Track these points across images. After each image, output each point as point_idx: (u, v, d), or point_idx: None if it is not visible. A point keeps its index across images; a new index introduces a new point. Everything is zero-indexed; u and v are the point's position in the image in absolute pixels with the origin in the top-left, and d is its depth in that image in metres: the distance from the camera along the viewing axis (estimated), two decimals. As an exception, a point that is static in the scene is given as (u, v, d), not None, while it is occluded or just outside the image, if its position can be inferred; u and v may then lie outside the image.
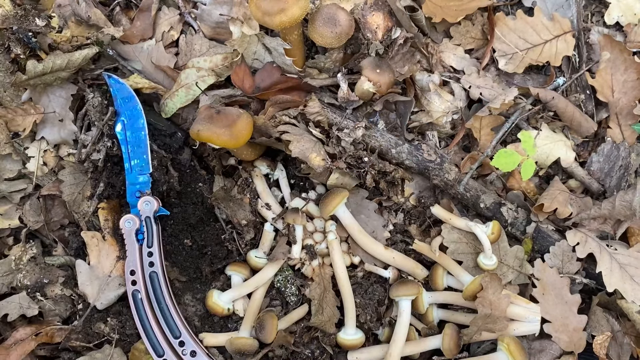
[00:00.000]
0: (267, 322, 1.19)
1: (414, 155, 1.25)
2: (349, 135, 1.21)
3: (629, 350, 1.17)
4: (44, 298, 1.29)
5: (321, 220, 1.30)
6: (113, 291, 1.26)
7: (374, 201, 1.30)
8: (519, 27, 1.32)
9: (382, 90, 1.19)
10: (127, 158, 1.25)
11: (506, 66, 1.31)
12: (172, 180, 1.27)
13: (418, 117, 1.30)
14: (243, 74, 1.22)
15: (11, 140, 1.31)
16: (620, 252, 1.20)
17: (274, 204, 1.31)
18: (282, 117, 1.22)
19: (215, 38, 1.33)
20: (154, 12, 1.35)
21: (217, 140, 1.09)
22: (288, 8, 1.04)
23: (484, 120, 1.27)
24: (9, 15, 1.27)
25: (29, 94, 1.31)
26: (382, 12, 1.20)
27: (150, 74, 1.33)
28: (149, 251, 1.22)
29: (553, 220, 1.26)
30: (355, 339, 1.21)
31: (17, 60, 1.29)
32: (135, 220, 1.22)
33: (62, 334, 1.24)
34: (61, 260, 1.33)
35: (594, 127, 1.30)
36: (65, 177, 1.30)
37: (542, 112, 1.31)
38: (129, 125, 1.25)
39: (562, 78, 1.31)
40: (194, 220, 1.30)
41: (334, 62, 1.25)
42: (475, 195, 1.25)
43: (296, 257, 1.26)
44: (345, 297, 1.22)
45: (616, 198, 1.20)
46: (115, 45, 1.33)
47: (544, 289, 1.18)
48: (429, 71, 1.32)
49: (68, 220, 1.35)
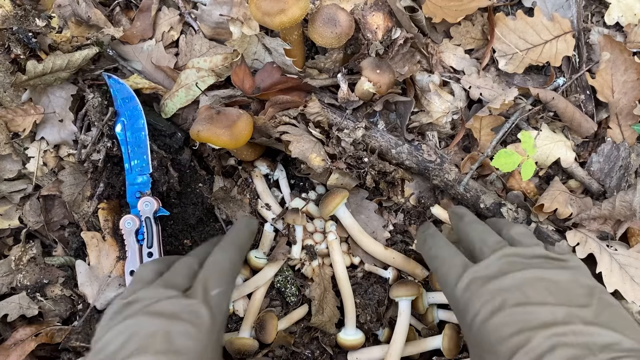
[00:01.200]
0: (267, 322, 1.19)
1: (414, 155, 1.25)
2: (349, 135, 1.21)
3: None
4: (43, 298, 1.29)
5: (321, 221, 1.30)
6: (113, 291, 1.26)
7: (374, 201, 1.30)
8: (519, 28, 1.32)
9: (382, 91, 1.19)
10: (127, 158, 1.25)
11: (506, 66, 1.31)
12: (172, 181, 1.27)
13: (418, 118, 1.30)
14: (243, 74, 1.22)
15: (11, 140, 1.31)
16: (620, 252, 1.20)
17: (273, 205, 1.31)
18: (282, 117, 1.22)
19: (215, 38, 1.33)
20: (154, 12, 1.35)
21: (217, 140, 1.09)
22: (288, 8, 1.04)
23: (484, 121, 1.27)
24: (9, 16, 1.27)
25: (29, 94, 1.31)
26: (382, 13, 1.20)
27: (150, 74, 1.33)
28: (149, 251, 1.22)
29: (553, 221, 1.26)
30: (355, 339, 1.21)
31: (17, 61, 1.29)
32: (135, 220, 1.22)
33: (62, 335, 1.24)
34: (61, 261, 1.33)
35: (594, 128, 1.30)
36: (65, 178, 1.30)
37: (542, 113, 1.31)
38: (129, 125, 1.25)
39: (562, 78, 1.31)
40: (194, 221, 1.30)
41: (334, 63, 1.25)
42: (475, 195, 1.24)
43: (296, 258, 1.26)
44: (345, 297, 1.23)
45: (616, 198, 1.20)
46: (115, 46, 1.33)
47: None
48: (429, 71, 1.32)
49: (68, 221, 1.36)
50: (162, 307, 0.83)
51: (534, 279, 0.76)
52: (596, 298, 0.74)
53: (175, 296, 0.85)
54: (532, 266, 0.79)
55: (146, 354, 0.76)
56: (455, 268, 0.87)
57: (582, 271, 0.81)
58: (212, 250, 0.99)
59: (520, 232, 0.90)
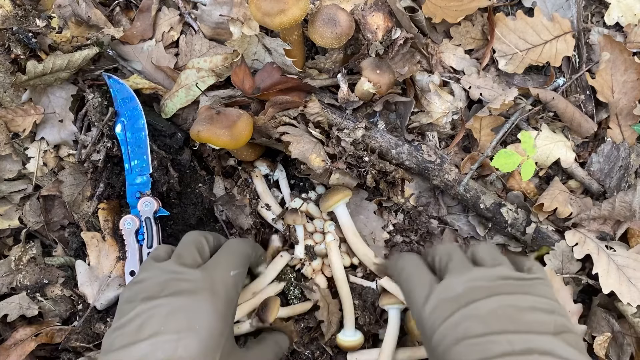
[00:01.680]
0: (270, 303, 1.18)
1: (414, 155, 1.25)
2: (349, 135, 1.21)
3: (629, 351, 1.17)
4: (43, 298, 1.29)
5: (321, 221, 1.30)
6: (113, 292, 1.26)
7: (374, 202, 1.30)
8: (519, 28, 1.32)
9: (382, 91, 1.19)
10: (127, 159, 1.25)
11: (506, 66, 1.31)
12: (172, 181, 1.27)
13: (418, 118, 1.29)
14: (243, 74, 1.22)
15: (11, 140, 1.31)
16: (619, 253, 1.20)
17: (273, 205, 1.31)
18: (282, 117, 1.21)
19: (215, 38, 1.33)
20: (154, 12, 1.35)
21: (217, 141, 1.09)
22: (288, 9, 1.04)
23: (484, 121, 1.27)
24: (9, 16, 1.27)
25: (29, 95, 1.31)
26: (382, 13, 1.20)
27: (150, 75, 1.33)
28: (149, 252, 1.22)
29: (553, 221, 1.26)
30: (354, 340, 1.21)
31: (17, 61, 1.29)
32: (135, 220, 1.22)
33: (62, 335, 1.24)
34: (61, 261, 1.33)
35: (594, 128, 1.30)
36: (65, 178, 1.30)
37: (542, 113, 1.31)
38: (129, 125, 1.25)
39: (562, 78, 1.31)
40: (194, 221, 1.30)
41: (334, 63, 1.25)
42: (475, 196, 1.24)
43: (300, 257, 1.26)
44: (344, 299, 1.22)
45: (616, 199, 1.20)
46: (115, 46, 1.33)
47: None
48: (429, 72, 1.32)
49: (68, 221, 1.36)
50: (180, 286, 0.84)
51: (497, 307, 0.79)
52: (553, 325, 0.78)
53: (191, 273, 0.87)
54: (495, 292, 0.81)
55: (166, 333, 0.78)
56: (422, 287, 0.89)
57: (544, 291, 0.83)
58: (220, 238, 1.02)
59: (484, 250, 0.92)
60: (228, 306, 0.89)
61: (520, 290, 0.82)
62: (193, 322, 0.81)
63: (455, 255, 0.92)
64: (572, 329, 0.80)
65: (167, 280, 0.85)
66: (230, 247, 1.00)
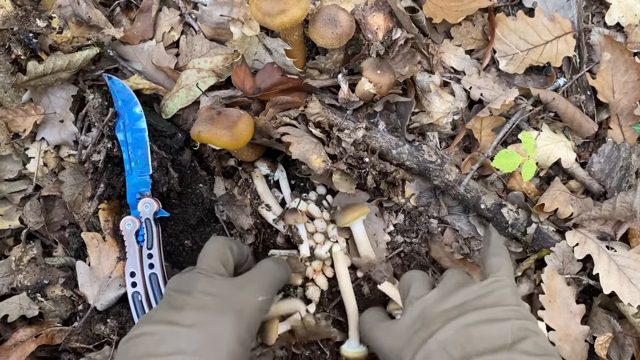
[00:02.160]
0: (267, 325, 1.18)
1: (415, 156, 1.25)
2: (349, 136, 1.21)
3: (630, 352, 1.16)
4: (44, 299, 1.29)
5: (322, 221, 1.29)
6: (113, 292, 1.26)
7: (374, 202, 1.30)
8: (520, 28, 1.32)
9: (382, 91, 1.19)
10: (127, 159, 1.24)
11: (507, 67, 1.31)
12: (173, 182, 1.27)
13: (419, 118, 1.29)
14: (243, 74, 1.22)
15: (11, 141, 1.31)
16: (620, 253, 1.20)
17: (274, 205, 1.31)
18: (282, 118, 1.21)
19: (215, 39, 1.33)
20: (154, 12, 1.35)
21: (217, 141, 1.09)
22: (288, 9, 1.04)
23: (485, 121, 1.27)
24: (10, 16, 1.27)
25: (30, 95, 1.31)
26: (382, 13, 1.20)
27: (151, 75, 1.33)
28: (149, 253, 1.22)
29: (554, 221, 1.26)
30: (358, 352, 1.20)
31: (17, 61, 1.29)
32: (136, 221, 1.22)
33: (62, 335, 1.24)
34: (61, 261, 1.32)
35: (594, 128, 1.30)
36: (66, 178, 1.30)
37: (543, 113, 1.31)
38: (129, 126, 1.25)
39: (562, 79, 1.31)
40: (195, 221, 1.30)
41: (334, 63, 1.25)
42: (475, 196, 1.24)
43: (306, 255, 1.25)
44: (349, 310, 1.21)
45: (617, 199, 1.20)
46: (116, 46, 1.33)
47: (551, 296, 1.18)
48: (430, 72, 1.32)
49: (68, 221, 1.35)
50: (207, 302, 0.84)
51: (453, 334, 0.82)
52: (510, 334, 0.79)
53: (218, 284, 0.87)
54: (448, 317, 0.85)
55: (186, 354, 0.77)
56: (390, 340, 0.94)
57: (501, 297, 0.85)
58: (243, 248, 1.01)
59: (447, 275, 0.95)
60: (250, 332, 0.87)
61: (475, 306, 0.84)
62: (214, 347, 0.79)
63: (414, 282, 0.96)
64: (532, 329, 0.80)
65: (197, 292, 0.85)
66: (265, 269, 0.97)
